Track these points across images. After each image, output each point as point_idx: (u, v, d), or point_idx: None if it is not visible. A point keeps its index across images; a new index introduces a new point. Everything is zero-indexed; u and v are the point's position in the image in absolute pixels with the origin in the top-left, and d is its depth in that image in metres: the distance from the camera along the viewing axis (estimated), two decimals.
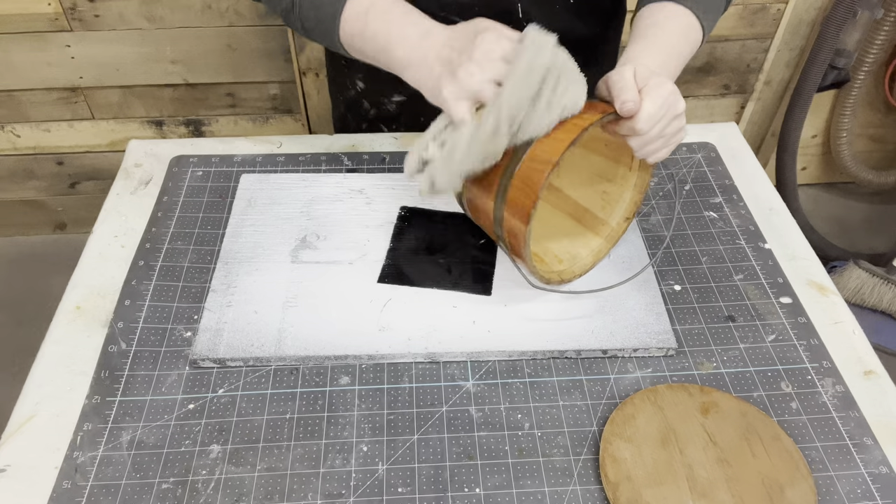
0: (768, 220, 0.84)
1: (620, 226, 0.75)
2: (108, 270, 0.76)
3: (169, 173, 0.88)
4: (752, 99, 1.83)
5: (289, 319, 0.70)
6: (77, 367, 0.67)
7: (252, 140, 0.93)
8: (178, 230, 0.80)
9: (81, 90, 1.62)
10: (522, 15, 0.80)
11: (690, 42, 0.72)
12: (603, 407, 0.65)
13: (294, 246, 0.78)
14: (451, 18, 0.79)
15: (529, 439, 0.62)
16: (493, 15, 0.80)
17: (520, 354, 0.68)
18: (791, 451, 0.60)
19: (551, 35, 0.61)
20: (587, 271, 0.74)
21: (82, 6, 1.47)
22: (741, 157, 0.93)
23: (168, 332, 0.70)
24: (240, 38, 1.55)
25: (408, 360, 0.68)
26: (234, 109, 1.69)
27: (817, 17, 1.67)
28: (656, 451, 0.60)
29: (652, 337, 0.69)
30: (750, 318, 0.73)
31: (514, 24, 0.80)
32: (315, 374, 0.67)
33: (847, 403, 0.65)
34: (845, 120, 1.86)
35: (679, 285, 0.76)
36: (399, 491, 0.58)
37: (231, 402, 0.64)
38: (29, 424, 0.63)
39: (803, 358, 0.69)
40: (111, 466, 0.60)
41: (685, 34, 0.72)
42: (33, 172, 1.80)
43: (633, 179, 0.73)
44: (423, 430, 0.63)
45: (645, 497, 0.57)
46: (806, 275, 0.78)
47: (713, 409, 0.63)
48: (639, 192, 0.73)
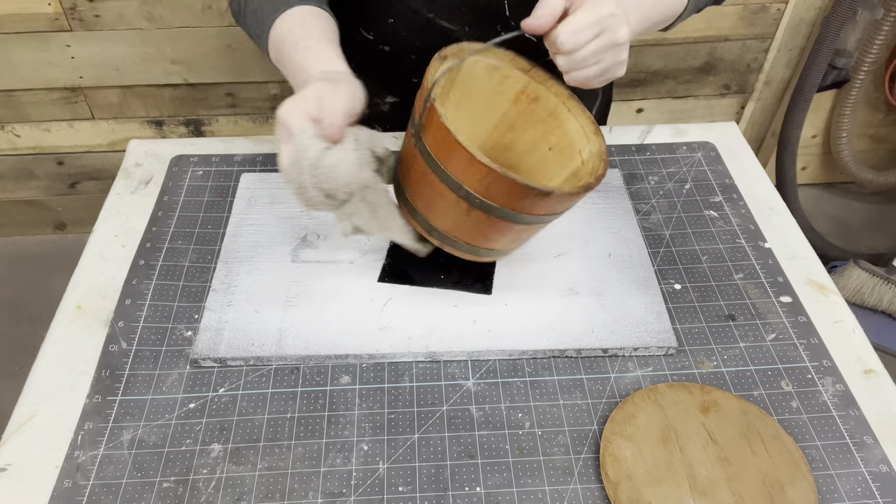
0: (768, 220, 0.84)
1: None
2: (108, 270, 0.76)
3: (169, 173, 0.88)
4: (752, 99, 1.83)
5: (289, 319, 0.70)
6: (78, 366, 0.67)
7: (252, 139, 0.93)
8: (179, 229, 0.80)
9: (81, 90, 1.62)
10: (510, 13, 0.80)
11: (666, 2, 0.70)
12: (603, 406, 0.65)
13: (294, 245, 0.78)
14: (438, 21, 0.79)
15: (530, 438, 0.62)
16: (481, 14, 0.80)
17: (520, 353, 0.68)
18: (791, 449, 0.61)
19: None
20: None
21: (82, 6, 1.47)
22: (741, 156, 0.93)
23: (169, 332, 0.70)
24: (240, 38, 1.55)
25: (408, 360, 0.68)
26: (234, 109, 1.69)
27: (817, 17, 1.67)
28: (657, 449, 0.60)
29: (652, 336, 0.69)
30: (750, 317, 0.73)
31: (501, 25, 0.80)
32: (316, 374, 0.67)
33: (847, 402, 0.65)
34: (845, 120, 1.86)
35: (679, 284, 0.76)
36: (400, 490, 0.58)
37: (232, 402, 0.64)
38: (30, 424, 0.63)
39: (803, 357, 0.69)
40: (112, 465, 0.60)
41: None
42: (33, 172, 1.79)
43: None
44: (423, 430, 0.63)
45: (645, 496, 0.57)
46: (806, 274, 0.78)
47: (713, 408, 0.64)
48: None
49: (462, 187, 0.59)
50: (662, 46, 1.67)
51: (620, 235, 0.79)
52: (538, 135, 0.73)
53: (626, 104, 1.79)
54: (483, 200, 0.59)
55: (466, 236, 0.65)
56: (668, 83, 1.75)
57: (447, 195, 0.61)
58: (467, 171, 0.58)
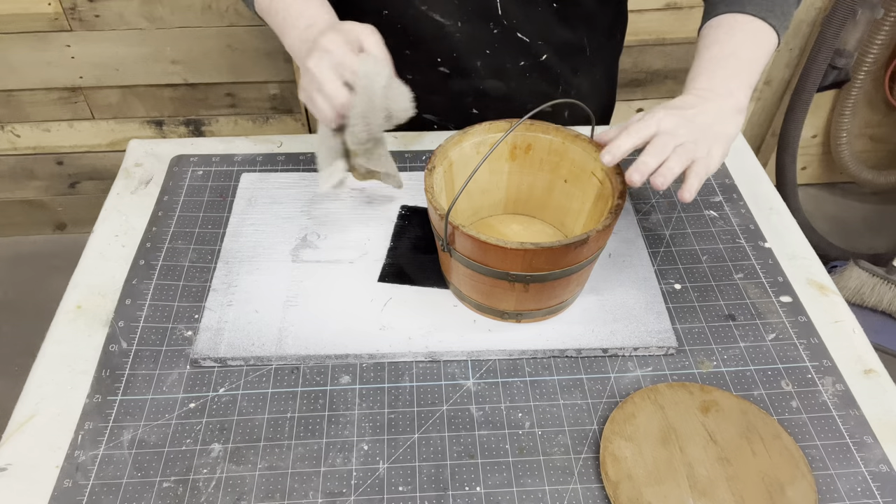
0: (768, 219, 0.84)
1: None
2: (108, 270, 0.76)
3: (169, 173, 0.88)
4: (752, 99, 1.83)
5: (289, 318, 0.70)
6: (78, 366, 0.67)
7: (252, 139, 0.93)
8: (179, 229, 0.80)
9: (81, 90, 1.62)
10: (502, 13, 0.80)
11: (762, 47, 0.68)
12: (603, 406, 0.65)
13: (294, 245, 0.78)
14: (431, 14, 0.79)
15: (530, 438, 0.62)
16: (473, 11, 0.80)
17: (520, 353, 0.68)
18: (791, 449, 0.61)
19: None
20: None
21: (82, 6, 1.47)
22: (741, 156, 0.93)
23: (169, 332, 0.70)
24: (240, 38, 1.55)
25: (408, 359, 0.68)
26: (234, 109, 1.69)
27: (817, 17, 1.67)
28: (657, 449, 0.60)
29: (652, 336, 0.69)
30: (750, 316, 0.73)
31: (494, 23, 0.80)
32: (316, 374, 0.67)
33: (847, 402, 0.65)
34: (845, 120, 1.86)
35: (679, 284, 0.76)
36: (400, 490, 0.59)
37: (232, 401, 0.64)
38: (30, 423, 0.63)
39: (803, 357, 0.69)
40: (112, 465, 0.60)
41: (753, 41, 0.68)
42: (33, 172, 1.80)
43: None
44: (423, 429, 0.63)
45: (645, 495, 0.57)
46: (806, 274, 0.78)
47: (713, 408, 0.64)
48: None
49: (509, 274, 0.63)
50: (662, 46, 1.67)
51: (620, 235, 0.79)
52: (549, 173, 0.75)
53: (626, 104, 1.79)
54: (532, 275, 0.63)
55: (535, 305, 0.68)
56: (668, 83, 1.76)
57: (499, 284, 0.65)
58: (505, 260, 0.61)
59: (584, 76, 0.93)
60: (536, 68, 0.86)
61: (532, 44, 0.84)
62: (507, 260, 0.61)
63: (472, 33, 0.81)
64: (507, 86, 0.88)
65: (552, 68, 0.87)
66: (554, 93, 0.91)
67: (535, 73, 0.87)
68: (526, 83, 0.88)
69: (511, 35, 0.82)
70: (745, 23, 0.68)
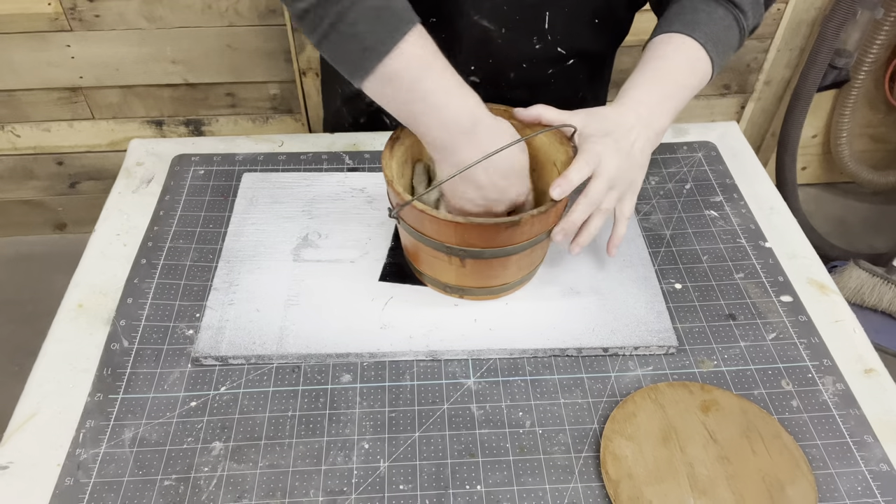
0: (769, 219, 0.84)
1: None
2: (110, 268, 0.76)
3: (171, 172, 0.88)
4: (752, 99, 1.83)
5: (290, 317, 0.70)
6: (79, 364, 0.67)
7: (253, 139, 0.93)
8: (180, 229, 0.80)
9: (81, 90, 1.62)
10: (549, 27, 0.80)
11: (697, 75, 0.71)
12: (604, 405, 0.65)
13: (296, 244, 0.78)
14: (481, 23, 0.79)
15: (530, 437, 0.62)
16: (521, 20, 0.79)
17: (521, 352, 0.68)
18: (791, 448, 0.61)
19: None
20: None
21: (82, 6, 1.47)
22: (742, 156, 0.93)
23: (170, 330, 0.70)
24: (240, 38, 1.55)
25: (409, 358, 0.68)
26: (235, 109, 1.69)
27: (817, 17, 1.67)
28: (657, 448, 0.60)
29: (653, 335, 0.69)
30: (750, 316, 0.73)
31: (538, 37, 0.80)
32: (317, 372, 0.67)
33: (847, 401, 0.65)
34: (845, 120, 1.86)
35: (680, 283, 0.76)
36: (400, 488, 0.59)
37: (233, 400, 0.65)
38: (31, 422, 0.63)
39: (804, 356, 0.69)
40: (113, 463, 0.60)
41: (691, 68, 0.70)
42: (33, 172, 1.80)
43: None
44: (424, 428, 0.63)
45: (646, 494, 0.57)
46: (806, 273, 0.78)
47: (714, 407, 0.64)
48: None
49: (445, 245, 0.65)
50: None
51: None
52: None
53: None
54: (466, 250, 0.64)
55: (475, 283, 0.70)
56: None
57: (439, 255, 0.66)
58: (440, 231, 0.64)
59: (598, 80, 0.95)
60: (562, 76, 0.87)
61: (567, 56, 0.84)
62: (442, 231, 0.63)
63: (514, 43, 0.81)
64: (531, 94, 0.88)
65: (575, 75, 0.88)
66: (573, 98, 0.91)
67: (560, 81, 0.88)
68: (549, 91, 0.88)
69: (552, 49, 0.82)
70: (692, 49, 0.70)
